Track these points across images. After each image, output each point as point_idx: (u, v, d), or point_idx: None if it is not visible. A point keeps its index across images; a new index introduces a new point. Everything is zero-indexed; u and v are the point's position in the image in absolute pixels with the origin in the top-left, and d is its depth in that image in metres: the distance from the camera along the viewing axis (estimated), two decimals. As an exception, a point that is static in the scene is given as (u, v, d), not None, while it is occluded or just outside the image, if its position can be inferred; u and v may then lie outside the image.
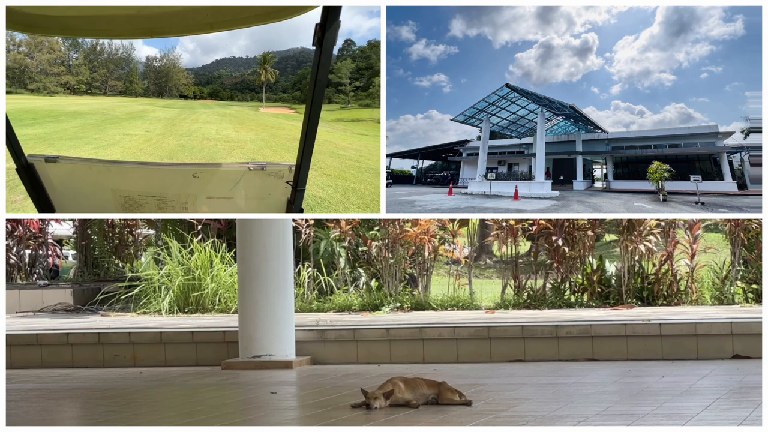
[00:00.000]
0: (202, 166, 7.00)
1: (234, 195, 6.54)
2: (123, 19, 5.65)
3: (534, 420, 5.68)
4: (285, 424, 6.03)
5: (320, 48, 5.26)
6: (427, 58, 34.35)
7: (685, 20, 27.84)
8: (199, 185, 6.61)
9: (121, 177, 6.88)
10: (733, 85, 26.93)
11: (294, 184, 6.15)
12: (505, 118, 25.10)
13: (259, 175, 6.34)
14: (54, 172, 6.86)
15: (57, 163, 6.79)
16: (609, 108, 30.29)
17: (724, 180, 19.97)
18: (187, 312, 11.73)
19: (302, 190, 6.16)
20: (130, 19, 5.61)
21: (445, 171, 30.75)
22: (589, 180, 25.10)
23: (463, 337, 8.85)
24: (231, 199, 6.59)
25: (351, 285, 12.00)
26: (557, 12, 30.82)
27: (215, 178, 6.68)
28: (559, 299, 11.30)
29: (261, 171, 6.31)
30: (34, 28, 5.98)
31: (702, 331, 8.52)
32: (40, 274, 14.72)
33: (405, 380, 6.28)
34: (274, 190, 6.36)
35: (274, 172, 6.29)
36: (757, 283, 11.02)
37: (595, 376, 7.72)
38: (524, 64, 31.64)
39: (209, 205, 6.73)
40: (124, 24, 5.76)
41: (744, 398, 6.28)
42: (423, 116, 36.07)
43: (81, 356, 9.43)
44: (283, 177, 6.24)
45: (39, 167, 6.80)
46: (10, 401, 7.08)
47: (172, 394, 7.59)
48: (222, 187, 6.59)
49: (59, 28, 6.08)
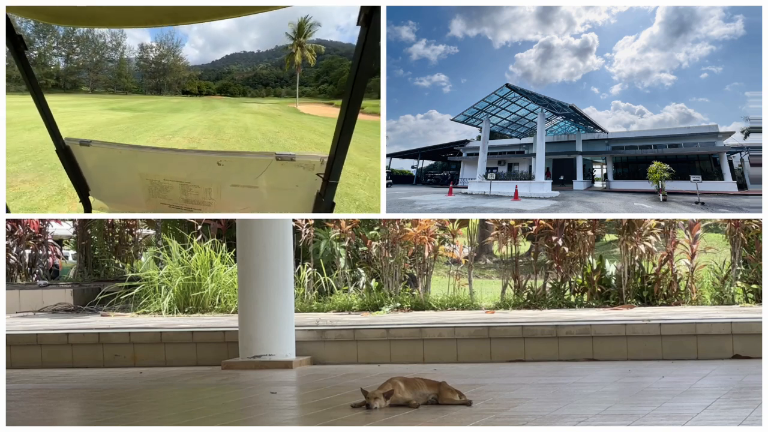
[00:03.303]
0: (227, 154, 6.88)
1: (259, 184, 6.39)
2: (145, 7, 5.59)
3: (534, 420, 5.68)
4: (285, 424, 6.03)
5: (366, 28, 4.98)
6: (427, 58, 34.37)
7: (685, 20, 27.85)
8: (223, 173, 6.51)
9: (148, 162, 6.99)
10: (733, 85, 26.93)
11: (326, 176, 5.89)
12: (505, 118, 25.10)
13: (288, 166, 6.16)
14: (87, 155, 7.24)
15: (90, 147, 7.14)
16: (609, 108, 30.29)
17: (724, 180, 19.98)
18: (187, 312, 11.73)
19: (335, 183, 5.92)
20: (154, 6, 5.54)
21: (445, 171, 30.75)
22: (589, 180, 25.10)
23: (463, 337, 8.85)
24: (256, 189, 6.47)
25: (351, 285, 12.00)
26: (557, 12, 30.82)
27: (240, 166, 6.56)
28: (559, 299, 11.30)
29: (290, 161, 6.12)
30: (63, 19, 6.14)
31: (702, 331, 8.52)
32: (40, 274, 14.72)
33: (405, 380, 6.28)
34: (302, 182, 6.16)
35: (303, 163, 6.09)
36: (757, 283, 11.02)
37: (595, 376, 7.72)
38: (524, 64, 31.64)
39: (233, 193, 6.65)
40: (148, 11, 5.66)
41: (744, 398, 6.28)
42: (423, 116, 36.07)
43: (81, 356, 9.43)
44: (313, 169, 6.02)
45: (75, 150, 7.21)
46: (10, 401, 7.08)
47: (172, 394, 7.59)
48: (247, 175, 6.45)
49: (86, 18, 6.15)
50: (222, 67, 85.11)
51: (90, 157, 7.34)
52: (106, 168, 7.39)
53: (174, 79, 77.81)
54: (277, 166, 6.17)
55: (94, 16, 5.96)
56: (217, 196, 6.73)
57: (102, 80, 76.13)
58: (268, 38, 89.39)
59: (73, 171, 7.39)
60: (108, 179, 7.51)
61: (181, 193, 6.87)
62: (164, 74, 77.33)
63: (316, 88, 70.46)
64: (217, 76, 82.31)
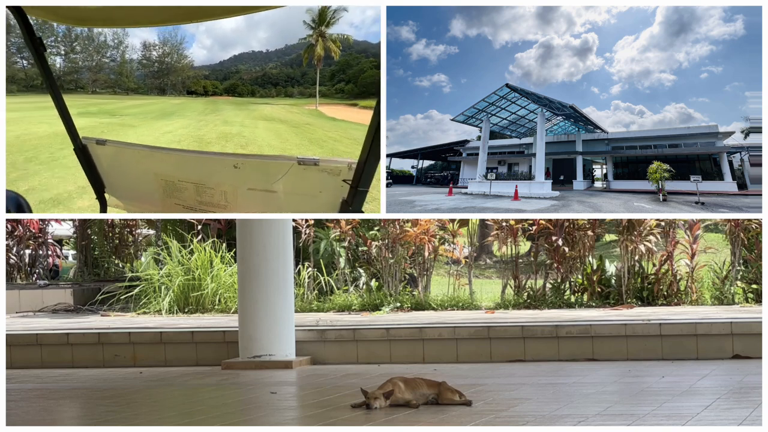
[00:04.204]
0: (244, 157, 6.65)
1: (277, 189, 6.13)
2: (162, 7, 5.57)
3: (534, 420, 5.68)
4: (285, 424, 6.03)
5: None
6: (427, 58, 34.35)
7: (685, 20, 27.84)
8: (239, 176, 6.32)
9: (163, 162, 6.98)
10: (733, 85, 26.91)
11: (354, 183, 5.57)
12: (505, 118, 25.11)
13: (311, 171, 5.85)
14: (103, 153, 7.30)
15: (105, 146, 7.21)
16: (609, 108, 30.27)
17: (724, 180, 19.98)
18: (187, 312, 11.73)
19: (364, 191, 5.61)
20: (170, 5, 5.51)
21: (445, 171, 30.75)
22: (589, 180, 25.10)
23: (463, 337, 8.85)
24: (274, 193, 6.27)
25: (351, 285, 12.00)
26: (557, 12, 30.80)
27: (258, 169, 6.33)
28: (559, 299, 11.30)
29: (313, 166, 5.85)
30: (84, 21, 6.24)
31: (702, 331, 8.52)
32: (40, 274, 14.72)
33: (405, 380, 6.28)
34: (326, 188, 5.86)
35: (328, 168, 5.80)
36: (757, 283, 11.02)
37: (595, 376, 7.72)
38: (524, 64, 31.62)
39: (250, 196, 6.48)
40: (164, 10, 5.63)
41: (744, 398, 6.28)
42: (423, 116, 36.03)
43: (81, 356, 9.43)
44: (339, 174, 5.72)
45: (91, 149, 7.29)
46: (10, 401, 7.08)
47: (172, 394, 7.59)
48: (265, 179, 6.22)
49: (103, 19, 6.23)
50: (230, 66, 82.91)
51: (106, 156, 7.40)
52: (121, 167, 7.44)
53: (178, 78, 75.39)
54: (298, 171, 5.86)
55: (112, 17, 6.00)
56: (233, 199, 6.60)
57: (101, 80, 74.28)
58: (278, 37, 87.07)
59: (89, 169, 7.47)
60: (123, 178, 7.55)
61: (196, 195, 6.79)
62: (167, 74, 75.03)
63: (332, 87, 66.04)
64: (224, 76, 80.00)
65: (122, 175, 7.52)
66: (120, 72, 74.66)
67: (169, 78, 75.39)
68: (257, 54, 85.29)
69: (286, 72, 77.12)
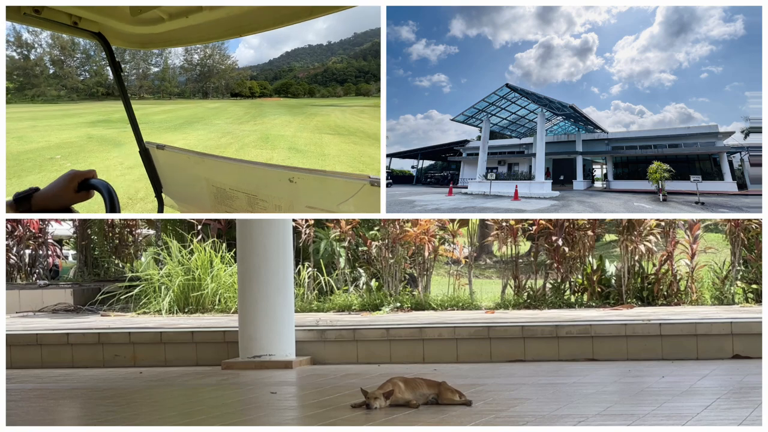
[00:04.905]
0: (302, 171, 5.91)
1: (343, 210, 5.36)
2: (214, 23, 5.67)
3: (534, 420, 5.68)
4: (285, 424, 6.03)
5: None
6: (427, 58, 34.33)
7: (685, 20, 27.83)
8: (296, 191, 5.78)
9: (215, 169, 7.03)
10: (733, 85, 26.90)
11: None
12: (505, 118, 25.10)
13: None
14: (162, 157, 7.60)
15: (164, 151, 7.49)
16: (609, 108, 30.26)
17: (724, 180, 19.97)
18: (187, 312, 11.73)
19: None
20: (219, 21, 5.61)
21: (445, 171, 30.73)
22: (589, 180, 25.09)
23: (463, 337, 8.85)
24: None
25: (351, 285, 12.00)
26: (557, 12, 30.79)
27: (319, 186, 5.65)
28: (559, 299, 11.30)
29: None
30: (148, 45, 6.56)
31: (702, 331, 8.52)
32: (40, 274, 14.72)
33: (405, 380, 6.28)
34: None
35: None
36: (757, 283, 11.02)
37: (595, 376, 7.72)
38: (524, 64, 31.61)
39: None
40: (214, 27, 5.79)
41: (744, 398, 6.28)
42: (423, 116, 35.99)
43: (81, 356, 9.43)
44: None
45: (152, 152, 7.61)
46: (10, 401, 7.08)
47: (172, 394, 7.59)
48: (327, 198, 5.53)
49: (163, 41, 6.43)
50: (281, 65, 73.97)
51: (164, 160, 7.66)
52: (176, 171, 7.67)
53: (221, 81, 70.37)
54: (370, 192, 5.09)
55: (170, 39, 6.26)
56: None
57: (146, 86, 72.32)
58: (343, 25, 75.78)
59: (150, 171, 7.83)
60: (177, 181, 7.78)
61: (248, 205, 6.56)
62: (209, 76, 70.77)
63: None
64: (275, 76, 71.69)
65: (177, 178, 7.75)
66: (163, 77, 72.05)
67: (211, 81, 71.02)
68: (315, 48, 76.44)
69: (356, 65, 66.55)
